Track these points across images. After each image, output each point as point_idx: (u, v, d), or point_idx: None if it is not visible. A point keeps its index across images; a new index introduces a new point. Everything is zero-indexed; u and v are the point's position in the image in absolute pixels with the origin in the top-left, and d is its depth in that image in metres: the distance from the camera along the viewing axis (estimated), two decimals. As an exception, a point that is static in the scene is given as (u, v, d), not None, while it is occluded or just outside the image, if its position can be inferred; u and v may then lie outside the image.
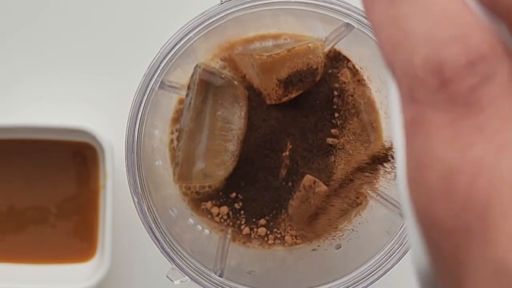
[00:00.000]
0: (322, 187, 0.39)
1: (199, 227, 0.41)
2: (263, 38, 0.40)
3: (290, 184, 0.40)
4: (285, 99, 0.39)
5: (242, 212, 0.40)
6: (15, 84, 0.47)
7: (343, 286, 0.36)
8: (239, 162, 0.39)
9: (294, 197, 0.40)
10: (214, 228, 0.41)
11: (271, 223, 0.40)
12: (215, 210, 0.40)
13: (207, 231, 0.41)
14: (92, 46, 0.47)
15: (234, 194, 0.40)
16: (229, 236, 0.40)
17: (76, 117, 0.47)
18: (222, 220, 0.40)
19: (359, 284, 0.36)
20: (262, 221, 0.40)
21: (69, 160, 0.45)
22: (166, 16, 0.47)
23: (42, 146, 0.45)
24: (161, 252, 0.36)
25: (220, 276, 0.37)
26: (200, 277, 0.36)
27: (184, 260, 0.36)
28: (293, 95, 0.38)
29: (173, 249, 0.36)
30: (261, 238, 0.40)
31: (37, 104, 0.47)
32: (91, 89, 0.47)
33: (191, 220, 0.41)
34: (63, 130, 0.44)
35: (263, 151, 0.39)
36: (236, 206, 0.40)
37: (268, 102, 0.39)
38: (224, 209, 0.40)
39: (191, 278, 0.36)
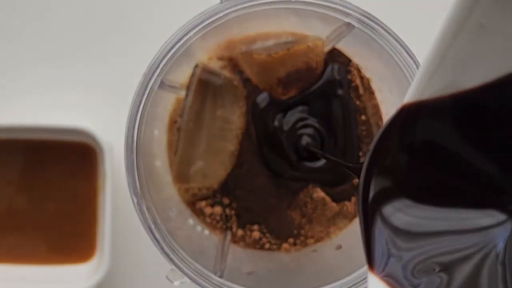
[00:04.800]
0: (319, 193, 0.39)
1: (199, 227, 0.41)
2: (263, 37, 0.40)
3: (289, 186, 0.40)
4: (284, 98, 0.39)
5: (234, 217, 0.40)
6: (14, 84, 0.47)
7: (345, 287, 0.36)
8: (238, 163, 0.39)
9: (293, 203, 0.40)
10: (214, 229, 0.41)
11: (265, 230, 0.40)
12: (208, 210, 0.40)
13: (207, 232, 0.41)
14: (91, 45, 0.47)
15: (228, 200, 0.40)
16: (229, 237, 0.40)
17: (75, 117, 0.47)
18: (214, 222, 0.40)
19: (361, 285, 0.36)
20: (255, 227, 0.40)
21: (69, 160, 0.45)
22: (166, 16, 0.47)
23: (41, 146, 0.45)
24: (161, 253, 0.36)
25: (220, 277, 0.37)
26: (200, 278, 0.36)
27: (183, 261, 0.36)
28: (293, 95, 0.38)
29: (172, 249, 0.36)
30: (256, 242, 0.40)
31: (35, 104, 0.47)
32: (90, 89, 0.47)
33: (190, 221, 0.41)
34: (62, 130, 0.44)
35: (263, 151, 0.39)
36: (229, 211, 0.40)
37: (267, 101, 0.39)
38: (218, 210, 0.40)
39: (190, 279, 0.36)
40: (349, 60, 0.40)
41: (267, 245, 0.40)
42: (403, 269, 0.23)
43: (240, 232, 0.40)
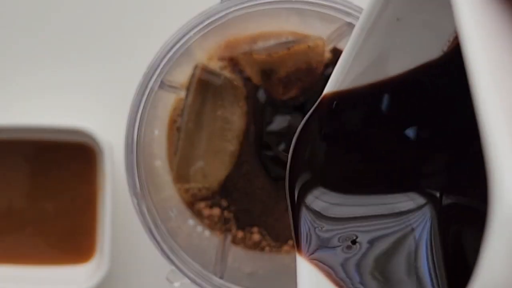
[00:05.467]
0: None
1: (199, 228, 0.40)
2: (263, 37, 0.39)
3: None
4: (285, 98, 0.38)
5: (233, 219, 0.40)
6: (13, 84, 0.47)
7: None
8: (238, 163, 0.39)
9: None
10: (214, 229, 0.41)
11: (264, 233, 0.40)
12: (206, 211, 0.40)
13: (207, 233, 0.41)
14: (91, 45, 0.47)
15: (227, 202, 0.40)
16: (229, 238, 0.40)
17: (75, 118, 0.46)
18: (213, 223, 0.40)
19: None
20: (255, 229, 0.40)
21: (68, 161, 0.45)
22: (166, 16, 0.47)
23: (41, 147, 0.45)
24: (161, 254, 0.36)
25: (221, 278, 0.37)
26: (200, 279, 0.36)
27: (183, 261, 0.36)
28: (293, 95, 0.38)
29: (172, 250, 0.36)
30: (256, 244, 0.40)
31: (34, 104, 0.47)
32: (90, 89, 0.47)
33: (190, 221, 0.40)
34: (62, 131, 0.44)
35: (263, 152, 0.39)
36: (227, 213, 0.40)
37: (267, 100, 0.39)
38: (216, 211, 0.40)
39: (191, 280, 0.36)
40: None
41: (267, 248, 0.40)
42: (326, 247, 0.24)
43: (240, 234, 0.40)
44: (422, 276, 0.23)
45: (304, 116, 0.39)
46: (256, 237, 0.40)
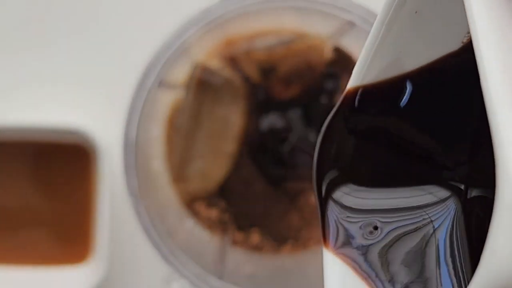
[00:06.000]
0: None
1: (198, 229, 0.40)
2: (263, 35, 0.39)
3: (286, 189, 0.39)
4: (285, 97, 0.38)
5: (232, 220, 0.40)
6: (9, 83, 0.47)
7: (346, 289, 0.36)
8: (236, 164, 0.39)
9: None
10: (213, 231, 0.40)
11: (264, 233, 0.40)
12: (205, 212, 0.40)
13: (206, 234, 0.40)
14: (88, 44, 0.47)
15: (226, 203, 0.40)
16: (228, 239, 0.40)
17: (72, 118, 0.46)
18: (212, 224, 0.40)
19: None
20: (254, 230, 0.40)
21: (65, 161, 0.45)
22: (165, 14, 0.47)
23: (37, 148, 0.45)
24: (159, 255, 0.36)
25: (220, 279, 0.36)
26: (199, 280, 0.36)
27: (182, 263, 0.36)
28: (293, 94, 0.38)
29: (171, 251, 0.36)
30: (255, 245, 0.40)
31: (31, 105, 0.47)
32: (87, 89, 0.47)
33: (189, 222, 0.40)
34: (58, 131, 0.44)
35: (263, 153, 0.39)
36: (226, 214, 0.40)
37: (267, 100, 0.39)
38: (215, 212, 0.40)
39: (189, 281, 0.36)
40: (350, 58, 0.39)
41: (266, 248, 0.40)
42: (351, 237, 0.25)
43: (239, 235, 0.40)
44: (438, 268, 0.23)
45: (304, 116, 0.39)
46: (256, 238, 0.40)
